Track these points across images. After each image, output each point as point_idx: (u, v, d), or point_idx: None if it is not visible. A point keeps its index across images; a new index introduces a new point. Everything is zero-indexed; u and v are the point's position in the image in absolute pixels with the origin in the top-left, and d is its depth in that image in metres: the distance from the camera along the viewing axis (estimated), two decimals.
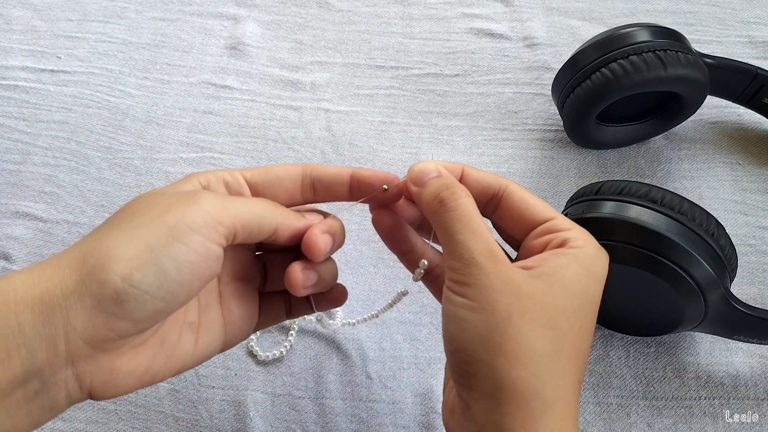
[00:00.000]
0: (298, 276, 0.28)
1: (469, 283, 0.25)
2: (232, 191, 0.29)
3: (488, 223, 0.29)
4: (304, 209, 0.30)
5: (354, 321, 0.39)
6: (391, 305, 0.35)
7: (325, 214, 0.30)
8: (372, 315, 0.37)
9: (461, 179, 0.30)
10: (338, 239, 0.29)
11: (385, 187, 0.30)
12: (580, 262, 0.26)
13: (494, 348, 0.24)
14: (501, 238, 0.31)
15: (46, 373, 0.22)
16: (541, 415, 0.24)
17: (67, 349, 0.22)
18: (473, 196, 0.29)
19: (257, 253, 0.32)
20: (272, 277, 0.32)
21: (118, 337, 0.23)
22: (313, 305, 0.32)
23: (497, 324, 0.24)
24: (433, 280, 0.32)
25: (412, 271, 0.31)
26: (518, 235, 0.29)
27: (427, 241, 0.32)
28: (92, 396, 0.24)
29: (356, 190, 0.30)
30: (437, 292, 0.32)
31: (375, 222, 0.31)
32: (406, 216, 0.31)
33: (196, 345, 0.28)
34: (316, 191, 0.30)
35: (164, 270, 0.23)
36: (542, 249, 0.27)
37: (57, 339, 0.22)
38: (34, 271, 0.23)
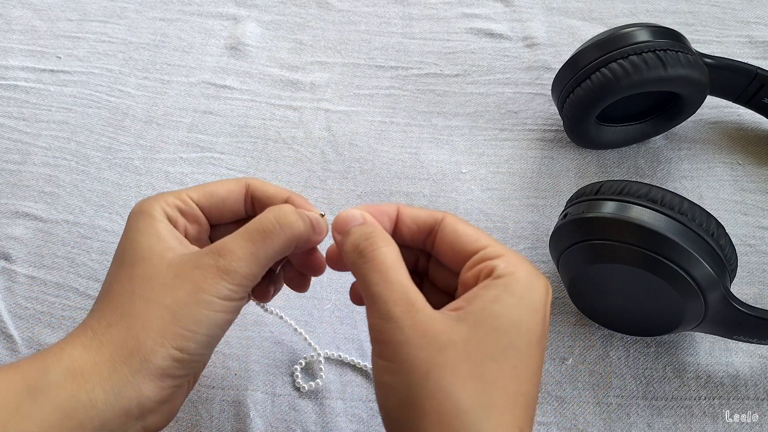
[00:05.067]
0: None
1: (386, 341, 0.24)
2: (187, 217, 0.30)
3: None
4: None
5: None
6: None
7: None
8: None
9: (396, 219, 0.29)
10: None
11: (322, 213, 0.30)
12: (511, 291, 0.24)
13: (417, 411, 0.22)
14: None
15: None
16: None
17: (140, 412, 0.25)
18: (411, 235, 0.28)
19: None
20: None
21: (177, 388, 0.27)
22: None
23: (416, 384, 0.23)
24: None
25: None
26: (456, 268, 0.27)
27: None
28: None
29: None
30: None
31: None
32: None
33: None
34: (255, 208, 0.31)
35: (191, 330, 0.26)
36: (475, 282, 0.25)
37: (130, 408, 0.25)
38: (91, 348, 0.25)
